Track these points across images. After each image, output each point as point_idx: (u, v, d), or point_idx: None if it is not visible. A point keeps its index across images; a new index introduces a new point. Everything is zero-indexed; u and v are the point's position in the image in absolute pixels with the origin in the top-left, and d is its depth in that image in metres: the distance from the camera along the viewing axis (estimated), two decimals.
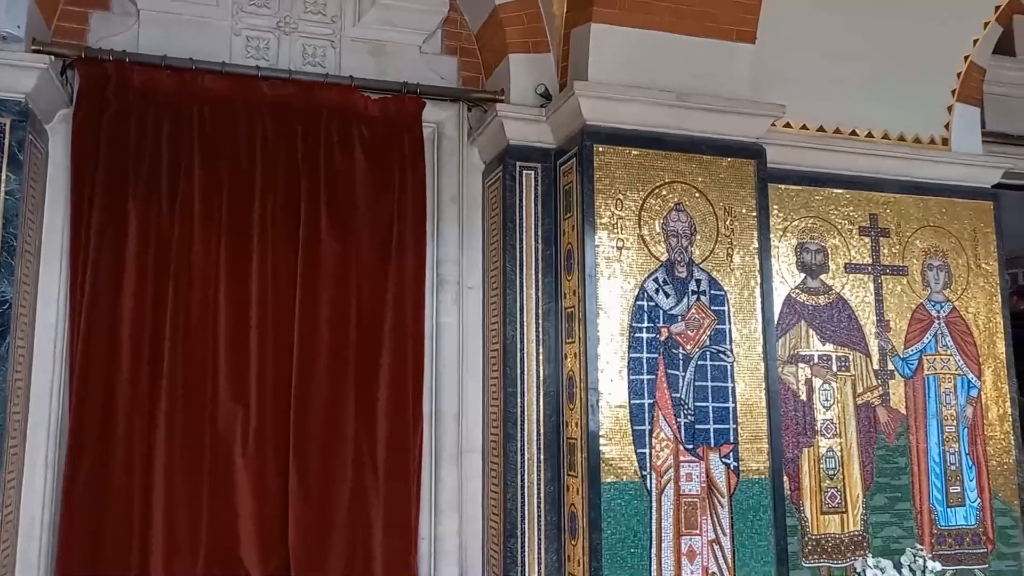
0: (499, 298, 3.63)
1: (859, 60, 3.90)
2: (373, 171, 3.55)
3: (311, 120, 3.49)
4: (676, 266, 3.43)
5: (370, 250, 3.53)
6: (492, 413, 3.68)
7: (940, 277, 4.03)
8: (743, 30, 3.50)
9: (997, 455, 3.99)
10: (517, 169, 3.62)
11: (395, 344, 3.51)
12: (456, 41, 3.93)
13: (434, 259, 3.74)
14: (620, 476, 3.22)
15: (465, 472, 3.70)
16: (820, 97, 3.90)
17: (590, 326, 3.28)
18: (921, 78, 4.04)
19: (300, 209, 3.45)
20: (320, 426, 3.41)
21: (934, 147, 4.10)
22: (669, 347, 3.36)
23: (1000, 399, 4.04)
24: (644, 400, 3.29)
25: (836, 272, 3.90)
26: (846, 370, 3.84)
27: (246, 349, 3.36)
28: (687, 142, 3.48)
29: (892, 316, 3.94)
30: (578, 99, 3.33)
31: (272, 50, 3.64)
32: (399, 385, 3.50)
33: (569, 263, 3.47)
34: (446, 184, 3.82)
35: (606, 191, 3.38)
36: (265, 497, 3.34)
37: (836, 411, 3.80)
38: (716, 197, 3.51)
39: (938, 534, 3.83)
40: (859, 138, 3.99)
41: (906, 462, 3.84)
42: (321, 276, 3.46)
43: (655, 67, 3.43)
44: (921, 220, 4.06)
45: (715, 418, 3.36)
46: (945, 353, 3.98)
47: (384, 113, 3.58)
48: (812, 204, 3.92)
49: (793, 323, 3.80)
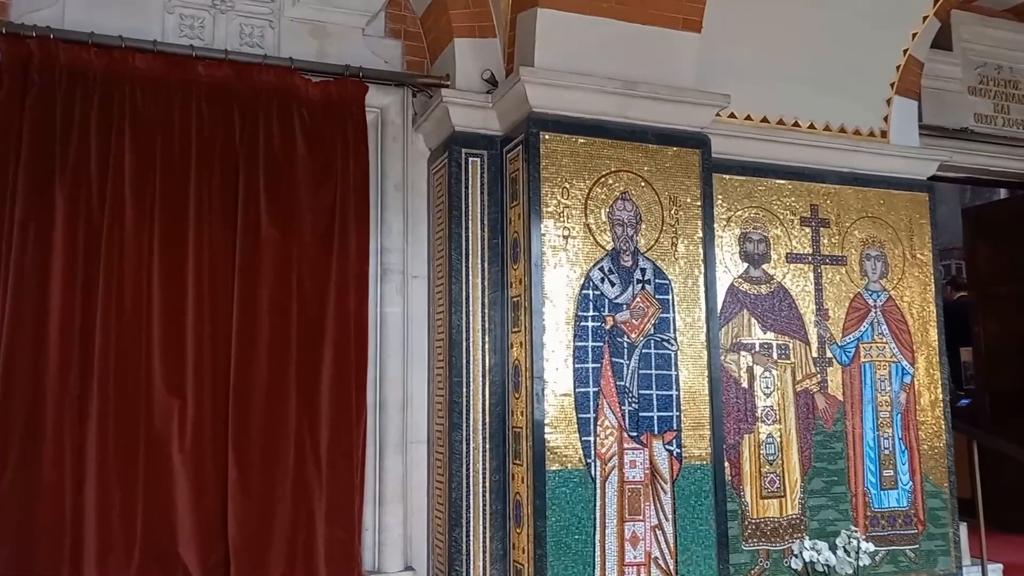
0: (445, 287, 3.59)
1: (802, 52, 3.94)
2: (314, 156, 3.46)
3: (249, 103, 3.38)
4: (622, 255, 3.43)
5: (312, 238, 3.44)
6: (438, 403, 3.65)
7: (877, 267, 4.13)
8: (689, 19, 3.50)
9: (928, 439, 4.12)
10: (463, 156, 3.57)
11: (338, 334, 3.44)
12: (400, 24, 3.85)
13: (378, 247, 3.67)
14: (565, 464, 3.23)
15: (410, 462, 3.67)
16: (764, 88, 3.93)
17: (536, 315, 3.27)
18: (862, 71, 4.10)
19: (238, 195, 3.34)
20: (261, 417, 3.33)
21: (873, 139, 4.18)
22: (614, 336, 3.37)
23: (932, 385, 4.17)
24: (589, 388, 3.30)
25: (778, 262, 3.96)
26: (786, 358, 3.91)
27: (182, 340, 3.26)
28: (633, 130, 3.47)
29: (831, 305, 4.03)
30: (524, 85, 3.29)
31: (207, 29, 3.51)
32: (342, 375, 3.44)
33: (515, 252, 3.44)
34: (390, 171, 3.74)
35: (552, 179, 3.36)
36: (203, 491, 3.27)
37: (776, 398, 3.87)
38: (661, 186, 3.52)
39: (872, 516, 3.95)
40: (801, 129, 4.04)
41: (842, 447, 3.94)
42: (261, 264, 3.36)
43: (601, 54, 3.41)
44: (860, 211, 4.14)
45: (659, 406, 3.39)
46: (881, 341, 4.08)
47: (325, 97, 3.48)
48: (755, 194, 3.97)
49: (736, 312, 3.85)
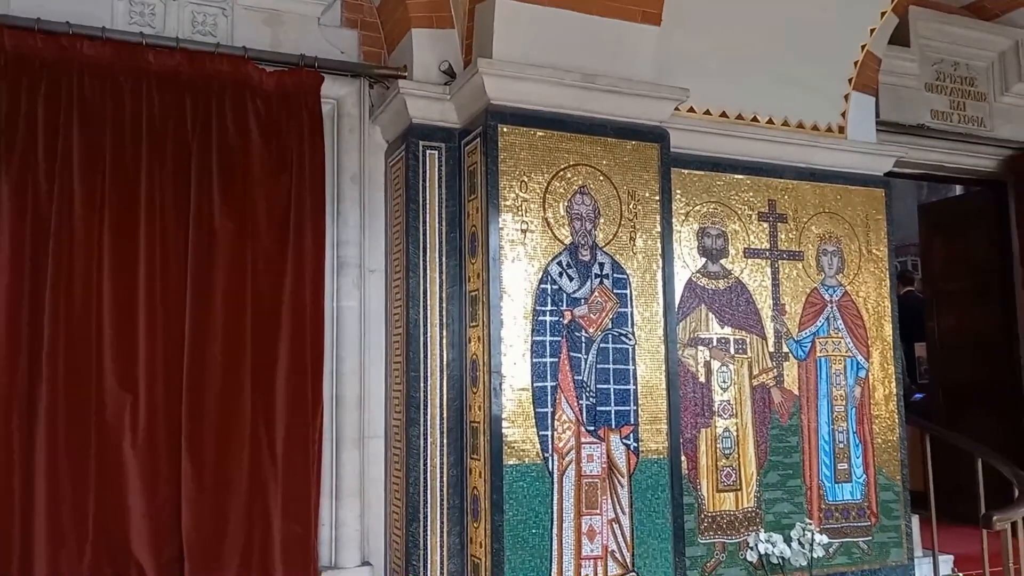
0: (402, 281, 3.56)
1: (761, 46, 3.95)
2: (269, 148, 3.41)
3: (202, 93, 3.32)
4: (580, 249, 3.43)
5: (267, 230, 3.40)
6: (395, 397, 3.63)
7: (834, 262, 4.17)
8: (648, 11, 3.49)
9: (882, 433, 4.18)
10: (420, 149, 3.53)
11: (293, 328, 3.40)
12: (357, 14, 3.79)
13: (334, 241, 3.63)
14: (522, 458, 3.23)
15: (367, 457, 3.65)
16: (723, 82, 3.94)
17: (494, 309, 3.25)
18: (820, 66, 4.13)
19: (191, 186, 3.29)
20: (215, 412, 3.29)
21: (831, 135, 4.21)
22: (572, 330, 3.37)
23: (886, 379, 4.23)
24: (547, 383, 3.30)
25: (736, 257, 3.99)
26: (743, 352, 3.94)
27: (134, 334, 3.21)
28: (591, 124, 3.46)
29: (788, 300, 4.06)
30: (482, 77, 3.27)
31: (159, 17, 3.43)
32: (298, 369, 3.41)
33: (473, 246, 3.42)
34: (347, 163, 3.70)
35: (510, 173, 3.34)
36: (157, 487, 3.23)
37: (733, 392, 3.90)
38: (620, 180, 3.52)
39: (826, 509, 4.01)
40: (759, 124, 4.06)
41: (798, 441, 3.99)
42: (215, 257, 3.32)
43: (560, 46, 3.39)
44: (817, 206, 4.18)
45: (616, 400, 3.40)
46: (836, 336, 4.13)
47: (280, 87, 3.42)
48: (714, 189, 3.98)
49: (694, 307, 3.87)
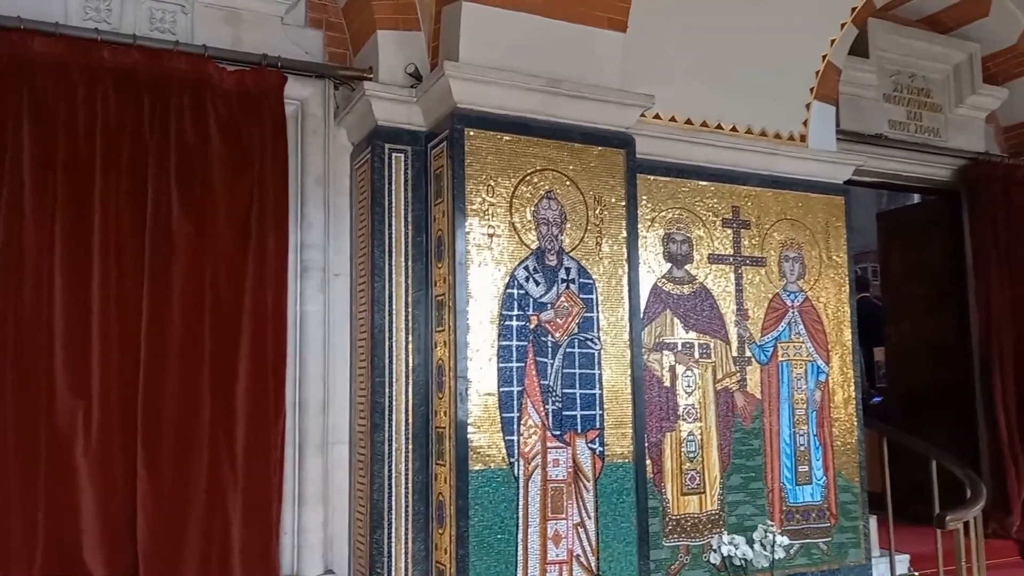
0: (367, 285, 3.51)
1: (725, 55, 4.00)
2: (230, 149, 3.34)
3: (160, 92, 3.24)
4: (547, 254, 3.43)
5: (228, 233, 3.32)
6: (360, 403, 3.58)
7: (795, 268, 4.24)
8: (614, 18, 3.51)
9: (842, 436, 4.25)
10: (386, 152, 3.50)
11: (254, 332, 3.34)
12: (322, 14, 3.74)
13: (298, 244, 3.58)
14: (488, 464, 3.21)
15: (331, 463, 3.60)
16: (688, 90, 3.97)
17: (460, 314, 3.23)
18: (782, 75, 4.20)
19: (148, 187, 3.20)
20: (172, 418, 3.22)
21: (793, 143, 4.28)
22: (538, 335, 3.36)
23: (845, 383, 4.31)
24: (513, 388, 3.29)
25: (700, 262, 4.02)
26: (707, 357, 3.98)
27: (87, 338, 3.12)
28: (558, 129, 3.46)
29: (751, 305, 4.11)
30: (448, 80, 3.25)
31: (115, 13, 3.34)
32: (259, 375, 3.35)
33: (440, 250, 3.40)
34: (311, 165, 3.65)
35: (477, 177, 3.32)
36: (111, 495, 3.14)
37: (697, 396, 3.93)
38: (586, 186, 3.52)
39: (787, 511, 4.06)
40: (724, 132, 4.11)
41: (760, 444, 4.04)
42: (172, 260, 3.24)
43: (527, 51, 3.38)
44: (779, 213, 4.24)
45: (582, 404, 3.40)
46: (798, 340, 4.19)
47: (241, 87, 3.36)
48: (679, 195, 4.02)
49: (659, 311, 3.90)
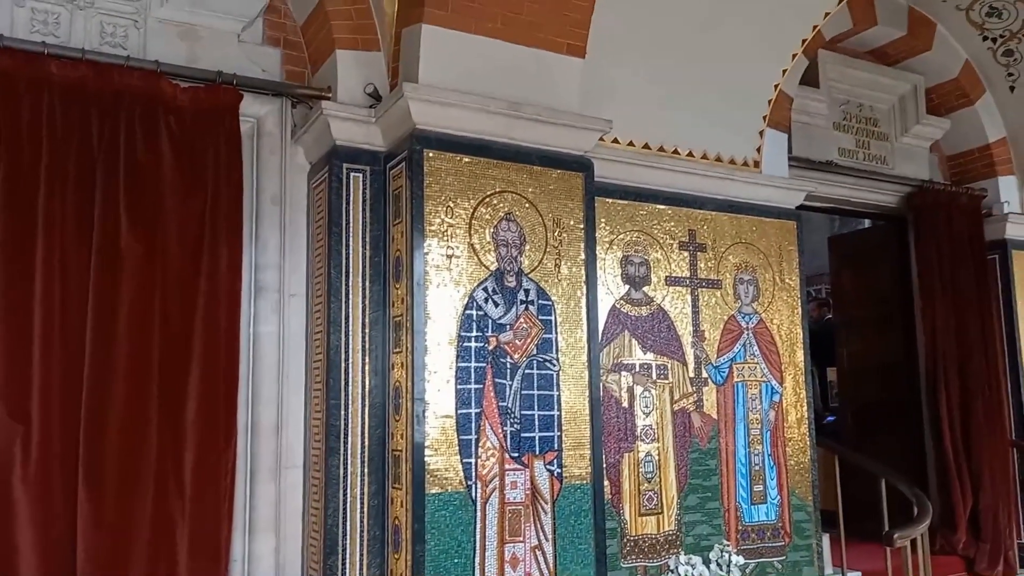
0: (323, 306, 3.46)
1: (682, 83, 4.09)
2: (183, 166, 3.27)
3: (110, 107, 3.16)
4: (506, 275, 3.42)
5: (179, 252, 3.25)
6: (315, 426, 3.52)
7: (749, 291, 4.31)
8: (573, 44, 3.55)
9: (795, 455, 4.32)
10: (344, 171, 3.47)
11: (205, 354, 3.25)
12: (280, 32, 3.71)
13: (252, 264, 3.51)
14: (445, 487, 3.17)
15: (284, 488, 3.52)
16: (646, 116, 4.04)
17: (417, 335, 3.20)
18: (737, 103, 4.30)
19: (95, 204, 3.12)
20: (117, 443, 3.10)
21: (747, 169, 4.37)
22: (497, 356, 3.35)
23: (798, 403, 4.38)
24: (471, 409, 3.26)
25: (658, 284, 4.07)
26: (665, 378, 4.01)
27: (28, 360, 3.00)
28: (518, 152, 3.48)
29: (707, 327, 4.17)
30: (407, 101, 3.24)
31: (63, 26, 3.26)
32: (210, 398, 3.26)
33: (398, 270, 3.37)
34: (267, 184, 3.59)
35: (436, 197, 3.31)
36: (50, 524, 3.01)
37: (655, 417, 3.96)
38: (546, 208, 3.54)
39: (743, 530, 4.10)
40: (681, 157, 4.18)
41: (716, 464, 4.08)
42: (120, 279, 3.14)
43: (486, 74, 3.40)
44: (734, 237, 4.32)
45: (540, 426, 3.39)
46: (752, 361, 4.26)
47: (195, 103, 3.30)
48: (637, 218, 4.07)
49: (617, 333, 3.92)
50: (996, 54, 5.64)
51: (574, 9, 3.51)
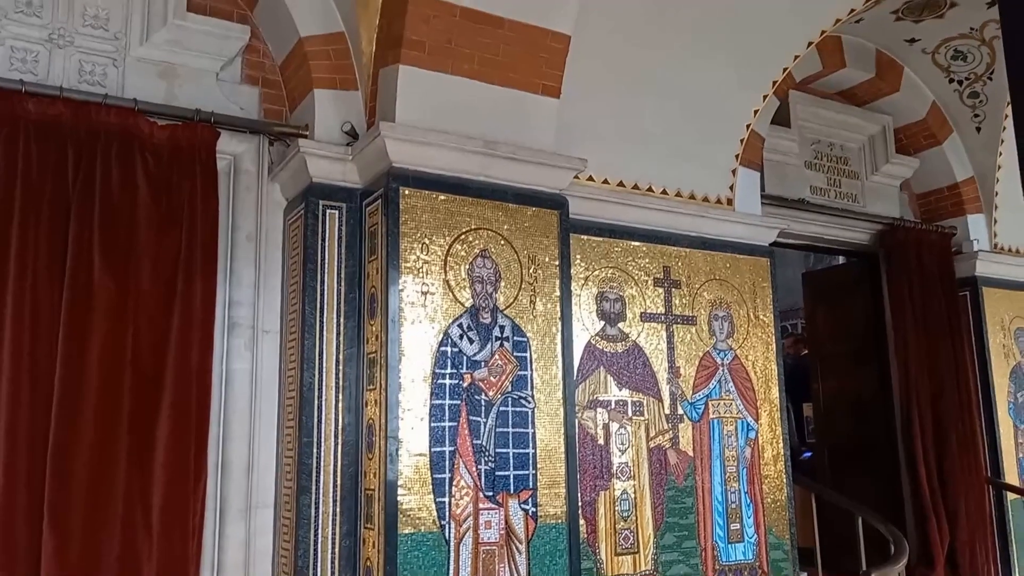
0: (297, 343, 3.45)
1: (655, 122, 4.17)
2: (158, 203, 3.27)
3: (86, 144, 3.16)
4: (481, 312, 3.43)
5: (152, 290, 3.23)
6: (287, 464, 3.47)
7: (724, 327, 4.34)
8: (548, 84, 3.62)
9: (772, 493, 4.31)
10: (320, 208, 3.48)
11: (177, 392, 3.22)
12: (258, 71, 3.75)
13: (226, 301, 3.50)
14: (418, 527, 3.13)
15: (254, 528, 3.46)
16: (620, 154, 4.11)
17: (392, 372, 3.19)
18: (710, 142, 4.38)
19: (68, 241, 3.10)
20: (84, 482, 3.05)
21: (720, 206, 4.44)
22: (472, 393, 3.34)
23: (774, 440, 4.39)
24: (445, 448, 3.24)
25: (633, 320, 4.09)
26: (640, 415, 4.01)
27: None
28: (493, 189, 3.52)
29: (682, 363, 4.19)
30: (384, 140, 3.27)
31: (42, 64, 3.27)
32: (180, 436, 3.21)
33: (373, 307, 3.37)
34: (243, 220, 3.60)
35: (412, 235, 3.33)
36: (13, 565, 2.94)
37: (631, 454, 3.95)
38: (521, 245, 3.56)
39: (720, 569, 4.07)
40: (655, 195, 4.24)
41: (693, 502, 4.06)
42: (92, 316, 3.12)
43: (463, 113, 3.45)
44: (708, 273, 4.36)
45: (515, 464, 3.37)
46: (728, 398, 4.27)
47: (173, 141, 3.31)
48: (612, 255, 4.10)
49: (593, 369, 3.93)
50: (962, 96, 5.80)
51: (549, 51, 3.58)
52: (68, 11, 3.38)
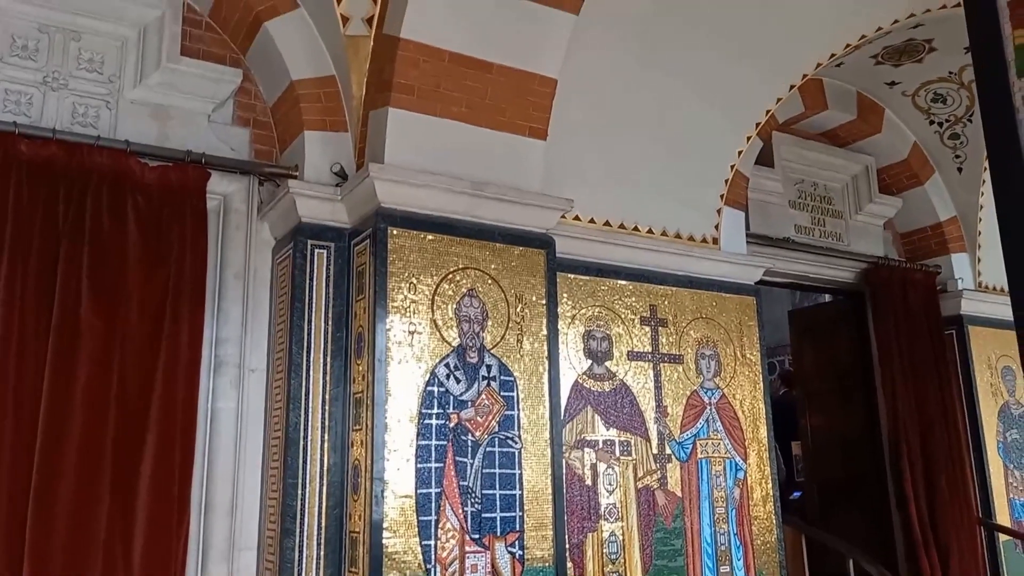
0: (283, 382, 3.44)
1: (641, 163, 4.23)
2: (147, 242, 3.28)
3: (77, 184, 3.18)
4: (468, 351, 3.43)
5: (139, 328, 3.22)
6: (271, 506, 3.43)
7: (711, 365, 4.35)
8: (535, 127, 3.68)
9: (761, 534, 4.28)
10: (309, 247, 3.50)
11: (161, 431, 3.20)
12: (250, 112, 3.80)
13: (213, 339, 3.49)
14: (403, 571, 3.09)
15: (236, 571, 3.40)
16: (607, 194, 4.16)
17: (378, 412, 3.18)
18: (695, 182, 4.45)
19: (56, 280, 3.11)
20: (65, 525, 3.01)
21: (706, 245, 4.48)
22: (458, 433, 3.33)
23: (763, 481, 4.37)
24: (431, 489, 3.21)
25: (620, 359, 4.10)
26: (628, 454, 4.00)
27: None
28: (481, 229, 3.55)
29: (670, 402, 4.19)
30: (373, 181, 3.31)
31: (36, 106, 3.31)
32: (163, 476, 3.19)
33: (359, 346, 3.37)
34: (231, 259, 3.61)
35: (399, 274, 3.35)
36: None
37: (619, 495, 3.92)
38: (508, 284, 3.58)
39: None
40: (641, 234, 4.28)
41: (681, 543, 4.02)
42: (78, 355, 3.11)
43: (451, 155, 3.50)
44: (695, 312, 4.39)
45: (502, 506, 3.34)
46: (716, 437, 4.26)
47: (163, 182, 3.33)
48: (599, 294, 4.13)
49: (580, 408, 3.92)
50: (943, 137, 5.91)
51: (536, 94, 3.65)
52: (63, 55, 3.43)
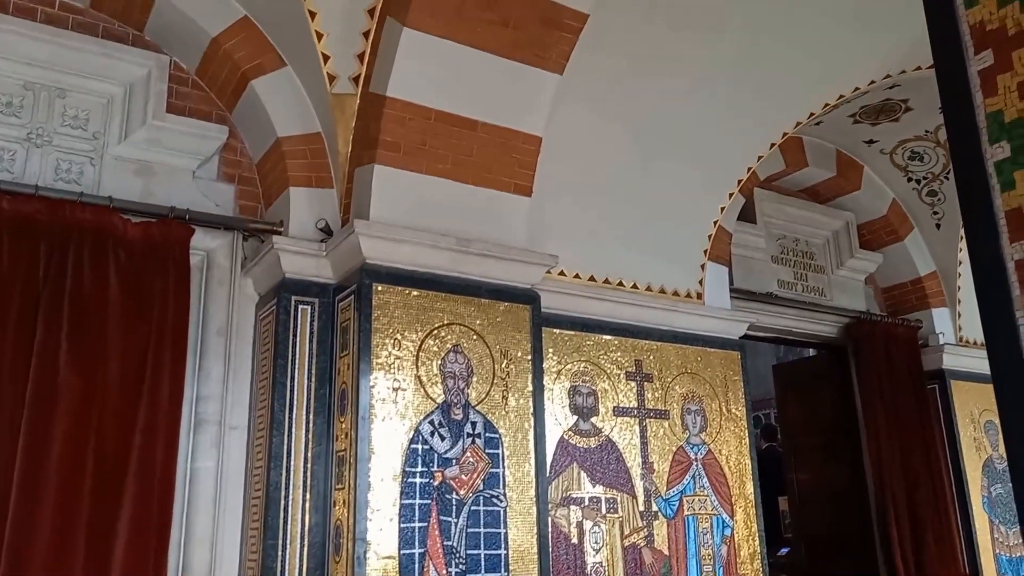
0: (265, 439, 3.38)
1: (625, 218, 4.28)
2: (129, 299, 3.25)
3: (59, 240, 3.16)
4: (452, 408, 3.40)
5: (119, 386, 3.17)
6: (250, 568, 3.34)
7: (697, 421, 4.33)
8: (520, 183, 3.72)
9: None
10: (292, 303, 3.48)
11: (138, 492, 3.11)
12: (235, 169, 3.81)
13: (194, 397, 3.44)
14: None
15: None
16: (591, 249, 4.19)
17: (361, 470, 3.12)
18: (679, 238, 4.50)
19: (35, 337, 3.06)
20: None
21: (690, 300, 4.51)
22: (443, 492, 3.27)
23: (751, 537, 4.32)
24: (415, 550, 3.14)
25: (606, 415, 4.08)
26: (614, 512, 3.94)
27: None
28: (466, 285, 3.54)
29: (656, 458, 4.15)
30: (358, 237, 3.32)
31: (19, 163, 3.31)
32: (141, 538, 3.09)
33: (343, 403, 3.33)
34: (214, 315, 3.58)
35: (384, 330, 3.33)
36: None
37: (605, 553, 3.85)
38: (493, 340, 3.57)
39: None
40: (625, 289, 4.31)
41: None
42: (55, 415, 3.04)
43: (436, 211, 3.52)
44: (680, 367, 4.39)
45: (487, 566, 3.27)
46: (702, 494, 4.22)
47: (147, 238, 3.32)
48: (584, 349, 4.12)
49: (566, 465, 3.88)
50: (921, 194, 6.03)
51: (521, 152, 3.70)
52: (48, 112, 3.44)
